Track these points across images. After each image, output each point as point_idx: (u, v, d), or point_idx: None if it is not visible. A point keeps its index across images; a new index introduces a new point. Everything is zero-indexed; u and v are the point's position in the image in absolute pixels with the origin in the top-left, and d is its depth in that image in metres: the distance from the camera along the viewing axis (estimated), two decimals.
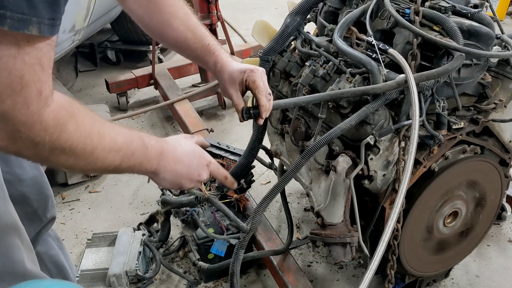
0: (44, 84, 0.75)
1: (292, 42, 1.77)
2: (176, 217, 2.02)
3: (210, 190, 2.03)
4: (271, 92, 1.28)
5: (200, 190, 1.54)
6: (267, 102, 1.24)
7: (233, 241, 1.64)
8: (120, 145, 0.95)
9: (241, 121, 1.27)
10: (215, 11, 3.10)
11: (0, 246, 1.10)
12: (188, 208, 1.90)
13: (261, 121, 1.28)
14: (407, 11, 1.43)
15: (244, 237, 1.55)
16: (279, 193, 1.99)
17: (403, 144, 1.43)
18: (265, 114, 1.25)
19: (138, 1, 1.24)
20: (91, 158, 0.89)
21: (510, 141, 1.69)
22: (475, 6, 1.49)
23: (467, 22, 1.41)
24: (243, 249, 1.56)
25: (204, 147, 1.20)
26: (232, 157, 2.07)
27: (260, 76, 1.24)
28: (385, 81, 1.38)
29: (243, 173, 1.85)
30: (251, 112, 1.24)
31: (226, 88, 1.28)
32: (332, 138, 1.38)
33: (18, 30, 0.67)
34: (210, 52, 1.27)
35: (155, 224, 2.15)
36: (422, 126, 1.42)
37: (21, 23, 0.67)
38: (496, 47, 1.48)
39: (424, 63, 1.43)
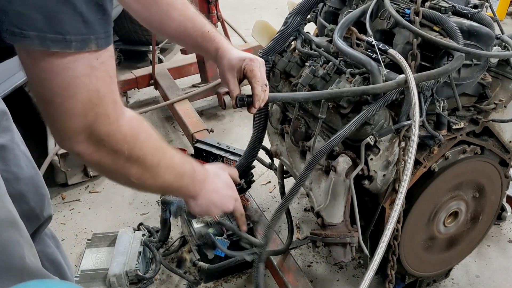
0: (116, 93, 0.83)
1: (292, 42, 1.77)
2: (175, 217, 2.02)
3: None
4: (267, 83, 1.28)
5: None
6: (262, 92, 1.25)
7: (248, 257, 1.66)
8: (176, 164, 1.03)
9: (234, 108, 1.29)
10: (215, 11, 3.10)
11: None
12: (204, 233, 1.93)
13: (253, 110, 1.28)
14: (407, 11, 1.43)
15: (261, 252, 1.55)
16: (279, 193, 2.00)
17: (403, 144, 1.43)
18: (258, 104, 1.25)
19: None
20: (155, 171, 0.96)
21: (510, 141, 1.69)
22: (475, 6, 1.49)
23: (467, 22, 1.41)
24: (263, 263, 1.57)
25: (235, 181, 1.27)
26: (232, 157, 2.07)
27: (258, 66, 1.24)
28: (385, 81, 1.38)
29: (243, 173, 1.86)
30: (244, 100, 1.25)
31: (224, 74, 1.29)
32: (334, 145, 1.39)
33: (82, 49, 0.74)
34: (211, 39, 1.28)
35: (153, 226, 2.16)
36: (422, 126, 1.42)
37: (83, 43, 0.74)
38: (496, 47, 1.47)
39: (424, 63, 1.43)
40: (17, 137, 1.28)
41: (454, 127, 1.50)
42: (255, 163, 1.87)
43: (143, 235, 2.12)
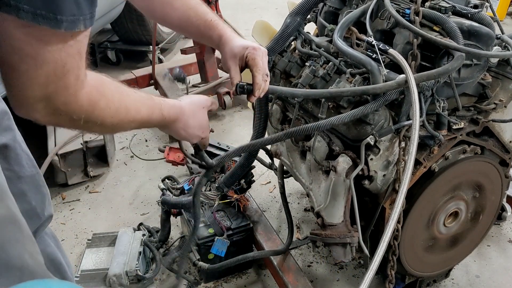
0: (80, 69, 0.86)
1: (292, 43, 1.77)
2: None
3: (210, 190, 2.03)
4: (269, 73, 1.28)
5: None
6: (263, 82, 1.25)
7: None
8: (142, 116, 1.07)
9: (234, 95, 1.30)
10: (215, 11, 3.10)
11: None
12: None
13: (253, 99, 1.28)
14: (407, 11, 1.43)
15: (208, 171, 1.50)
16: (280, 194, 2.00)
17: (403, 144, 1.43)
18: (257, 93, 1.25)
19: None
20: (117, 127, 1.02)
21: (510, 141, 1.69)
22: (475, 6, 1.49)
23: (467, 22, 1.41)
24: (206, 179, 1.54)
25: (214, 109, 1.33)
26: None
27: (261, 55, 1.25)
28: (385, 81, 1.38)
29: (243, 174, 1.86)
30: (244, 88, 1.24)
31: (226, 61, 1.29)
32: (321, 129, 1.40)
33: (72, 30, 0.77)
34: (213, 27, 1.29)
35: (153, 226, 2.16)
36: (422, 126, 1.42)
37: (73, 24, 0.77)
38: (496, 47, 1.47)
39: (424, 63, 1.43)
40: (18, 136, 1.28)
41: (454, 127, 1.50)
42: (255, 163, 1.87)
43: (143, 235, 2.12)
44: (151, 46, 3.55)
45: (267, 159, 2.00)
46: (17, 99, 0.84)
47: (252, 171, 1.90)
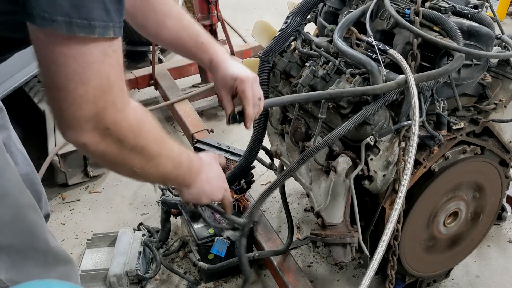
0: (124, 82, 0.85)
1: (292, 43, 1.77)
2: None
3: None
4: (262, 96, 1.30)
5: None
6: (254, 112, 1.27)
7: (229, 234, 1.66)
8: (176, 154, 1.05)
9: (227, 124, 1.31)
10: (215, 12, 3.10)
11: (23, 223, 1.15)
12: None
13: (248, 126, 1.31)
14: (407, 11, 1.43)
15: (243, 230, 1.52)
16: (280, 194, 2.00)
17: (403, 144, 1.43)
18: (249, 124, 1.28)
19: (132, 1, 1.24)
20: (157, 161, 0.98)
21: (510, 142, 1.69)
22: (475, 7, 1.49)
23: (467, 22, 1.41)
24: (245, 238, 1.54)
25: (222, 166, 1.30)
26: (232, 157, 2.07)
27: (250, 85, 1.25)
28: (385, 81, 1.38)
29: (243, 174, 1.85)
30: (236, 118, 1.29)
31: (218, 89, 1.31)
32: (330, 143, 1.39)
33: (103, 35, 0.77)
34: (205, 50, 1.29)
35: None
36: (422, 126, 1.42)
37: (104, 29, 0.77)
38: (496, 47, 1.47)
39: (424, 63, 1.43)
40: (13, 134, 1.29)
41: (454, 127, 1.50)
42: (255, 163, 1.87)
43: (143, 235, 2.12)
44: (151, 47, 3.55)
45: (267, 159, 2.00)
46: (66, 121, 0.82)
47: (252, 171, 1.90)
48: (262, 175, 2.66)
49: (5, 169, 1.12)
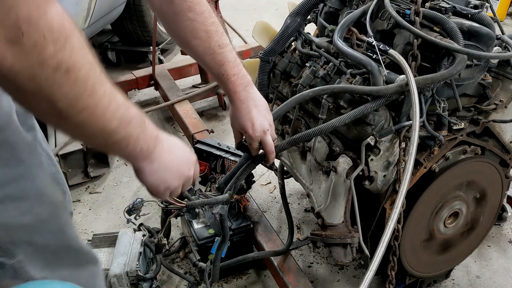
0: None
1: (293, 43, 1.77)
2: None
3: (210, 191, 2.03)
4: (275, 137, 1.35)
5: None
6: (271, 156, 1.35)
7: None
8: (119, 102, 0.76)
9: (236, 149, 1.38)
10: (216, 12, 3.09)
11: (56, 222, 1.14)
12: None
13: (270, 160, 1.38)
14: (407, 12, 1.43)
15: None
16: (280, 194, 2.00)
17: (403, 145, 1.43)
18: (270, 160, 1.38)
19: (164, 7, 1.15)
20: (91, 100, 0.70)
21: (510, 142, 1.69)
22: (475, 7, 1.49)
23: (468, 22, 1.41)
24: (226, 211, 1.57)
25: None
26: (232, 158, 2.07)
27: (257, 141, 1.31)
28: (386, 81, 1.38)
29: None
30: (245, 148, 1.40)
31: (232, 123, 1.36)
32: (323, 132, 1.39)
33: None
34: (224, 82, 1.27)
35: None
36: (422, 126, 1.42)
37: None
38: (497, 47, 1.47)
39: (424, 64, 1.43)
40: (39, 135, 1.28)
41: (454, 127, 1.50)
42: None
43: (144, 235, 2.12)
44: (151, 47, 3.55)
45: None
46: None
47: (252, 171, 1.89)
48: (263, 176, 2.66)
49: (39, 169, 1.10)
